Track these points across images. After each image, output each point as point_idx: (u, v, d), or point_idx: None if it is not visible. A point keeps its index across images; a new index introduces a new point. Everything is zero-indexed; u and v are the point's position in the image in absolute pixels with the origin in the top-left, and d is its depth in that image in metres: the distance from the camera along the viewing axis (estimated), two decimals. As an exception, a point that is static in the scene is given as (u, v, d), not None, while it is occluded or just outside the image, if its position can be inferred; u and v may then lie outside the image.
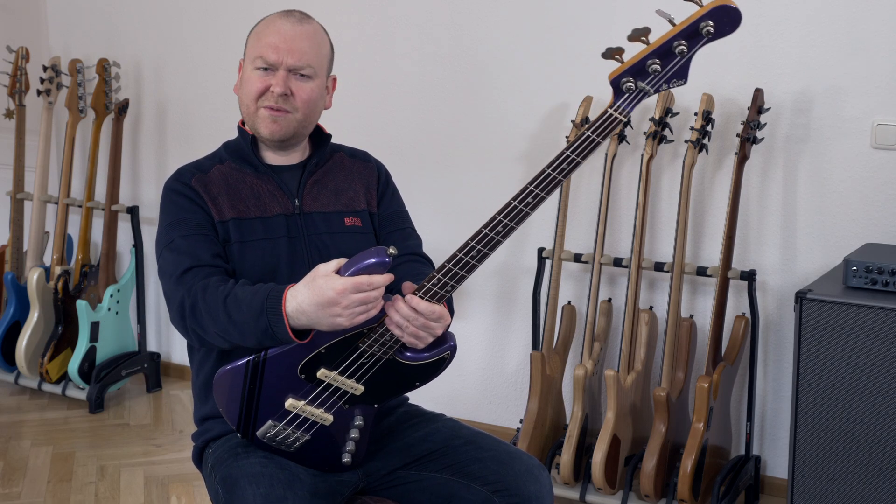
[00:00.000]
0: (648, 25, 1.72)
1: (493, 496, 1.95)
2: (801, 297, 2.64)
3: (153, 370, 4.18)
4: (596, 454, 3.00)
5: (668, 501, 3.02)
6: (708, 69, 3.14)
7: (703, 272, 3.10)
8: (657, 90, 1.73)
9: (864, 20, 2.94)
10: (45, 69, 4.14)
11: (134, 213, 4.05)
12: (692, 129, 3.03)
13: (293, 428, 1.91)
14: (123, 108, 4.05)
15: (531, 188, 1.77)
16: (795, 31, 3.02)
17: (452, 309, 2.03)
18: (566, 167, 1.76)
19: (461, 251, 1.76)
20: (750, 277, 3.04)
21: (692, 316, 3.14)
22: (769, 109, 3.02)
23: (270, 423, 1.91)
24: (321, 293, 1.72)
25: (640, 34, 1.69)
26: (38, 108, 4.22)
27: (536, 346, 3.34)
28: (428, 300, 1.79)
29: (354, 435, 1.92)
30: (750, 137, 2.98)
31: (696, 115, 3.03)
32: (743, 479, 3.11)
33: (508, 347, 3.62)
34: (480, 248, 1.76)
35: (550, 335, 3.25)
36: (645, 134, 3.11)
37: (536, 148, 3.45)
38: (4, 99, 4.30)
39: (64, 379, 4.03)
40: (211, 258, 1.94)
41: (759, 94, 2.97)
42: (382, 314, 1.81)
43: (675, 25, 1.69)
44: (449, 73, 3.57)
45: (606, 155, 3.17)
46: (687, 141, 3.05)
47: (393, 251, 1.74)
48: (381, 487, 2.03)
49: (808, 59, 3.02)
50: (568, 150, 1.74)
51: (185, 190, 2.00)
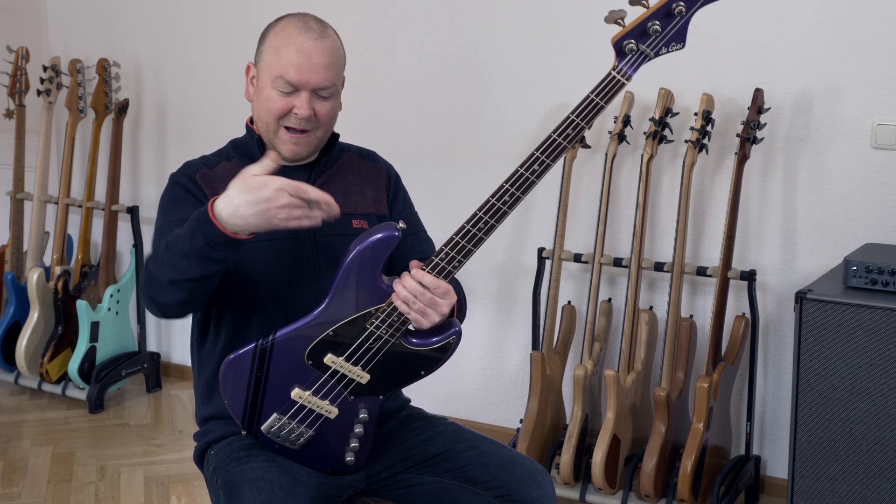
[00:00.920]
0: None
1: (495, 501, 1.95)
2: (801, 297, 2.64)
3: (153, 370, 4.18)
4: (596, 454, 3.00)
5: (668, 501, 3.02)
6: (708, 69, 3.14)
7: (703, 272, 3.10)
8: (657, 53, 1.79)
9: (864, 20, 2.94)
10: (45, 69, 4.14)
11: (134, 213, 4.05)
12: (692, 129, 3.03)
13: (297, 422, 1.91)
14: (123, 108, 4.05)
15: (537, 154, 1.79)
16: (795, 31, 3.02)
17: (465, 308, 2.03)
18: (571, 132, 1.78)
19: (469, 223, 1.80)
20: (750, 277, 3.04)
21: (692, 316, 3.14)
22: (769, 109, 3.02)
23: (276, 416, 1.91)
24: (256, 191, 1.72)
25: None
26: (38, 108, 4.22)
27: (536, 346, 3.34)
28: (435, 275, 1.81)
29: (358, 430, 1.92)
30: (750, 137, 2.98)
31: (696, 115, 3.03)
32: (743, 479, 3.12)
33: (508, 347, 3.62)
34: (488, 218, 1.79)
35: (550, 335, 3.25)
36: (645, 134, 3.11)
37: (536, 148, 3.45)
38: (4, 99, 4.30)
39: (64, 379, 4.03)
40: None
41: (759, 94, 2.97)
42: (390, 293, 1.83)
43: None
44: (449, 73, 3.57)
45: (606, 155, 3.17)
46: (687, 141, 3.05)
47: (402, 225, 1.81)
48: (381, 490, 2.03)
49: (808, 59, 3.02)
50: (572, 114, 1.78)
51: (187, 183, 2.00)
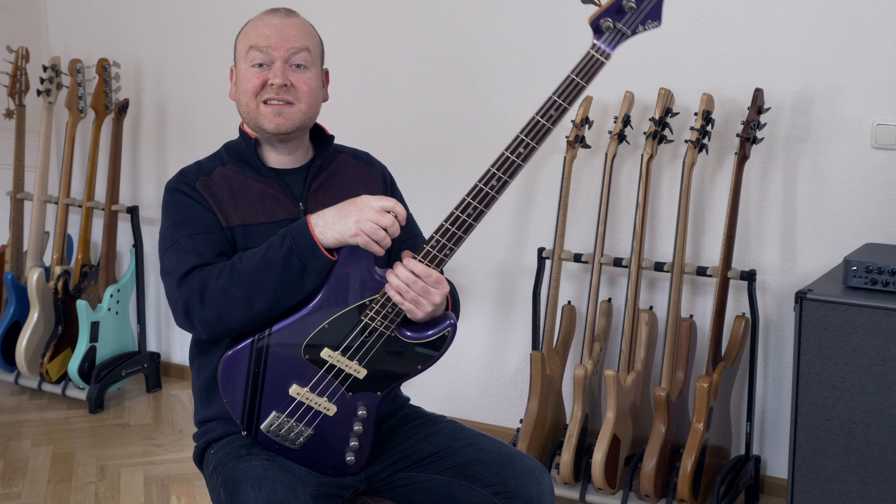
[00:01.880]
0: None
1: (494, 498, 1.95)
2: (801, 297, 2.64)
3: (153, 370, 4.18)
4: (596, 454, 3.00)
5: (668, 501, 3.02)
6: (708, 69, 3.14)
7: (703, 272, 3.10)
8: (634, 31, 1.82)
9: (864, 20, 2.94)
10: (45, 69, 4.14)
11: (134, 213, 4.05)
12: (692, 129, 3.03)
13: (296, 420, 1.91)
14: (123, 108, 4.05)
15: (522, 137, 1.84)
16: (795, 31, 3.02)
17: (458, 308, 2.04)
18: (554, 113, 1.82)
19: (458, 209, 1.84)
20: (750, 277, 3.04)
21: (692, 316, 3.14)
22: (769, 109, 3.02)
23: (274, 414, 1.91)
24: (348, 203, 1.86)
25: None
26: (38, 108, 4.22)
27: (536, 346, 3.34)
28: (427, 264, 1.83)
29: (357, 428, 1.92)
30: (750, 137, 2.98)
31: (696, 115, 3.03)
32: (743, 479, 3.12)
33: (508, 347, 3.62)
34: (476, 204, 1.84)
35: (550, 335, 3.25)
36: (645, 134, 3.11)
37: (536, 148, 3.45)
38: (4, 99, 4.30)
39: (64, 379, 4.03)
40: (215, 257, 1.93)
41: (759, 94, 2.97)
42: (384, 284, 1.85)
43: None
44: (449, 72, 3.57)
45: (606, 155, 3.17)
46: (687, 141, 3.05)
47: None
48: (382, 489, 2.03)
49: (808, 59, 3.02)
50: (554, 94, 1.82)
51: (189, 191, 1.99)
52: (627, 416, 3.10)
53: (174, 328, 4.34)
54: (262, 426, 1.92)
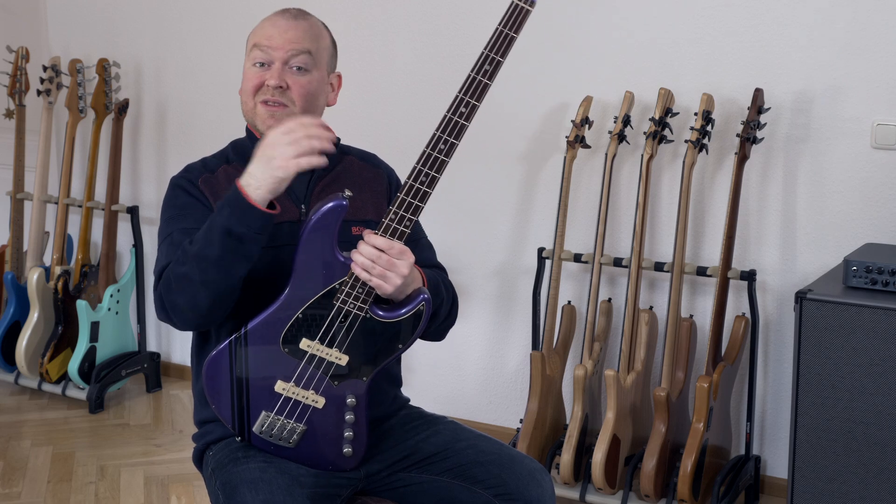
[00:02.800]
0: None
1: (494, 500, 1.95)
2: (801, 297, 2.64)
3: (153, 370, 4.18)
4: (596, 454, 3.00)
5: (668, 501, 3.02)
6: (708, 69, 3.14)
7: (703, 272, 3.10)
8: None
9: (864, 20, 2.94)
10: (45, 69, 4.14)
11: (134, 213, 4.05)
12: (692, 129, 3.03)
13: (286, 416, 1.91)
14: (123, 108, 4.05)
15: (461, 97, 1.90)
16: (796, 31, 3.02)
17: (456, 307, 2.03)
18: (489, 68, 1.89)
19: (410, 177, 1.85)
20: (750, 277, 3.04)
21: (692, 316, 3.14)
22: (769, 109, 3.02)
23: (264, 414, 1.91)
24: (260, 149, 1.81)
25: None
26: (38, 108, 4.22)
27: (536, 346, 3.34)
28: (388, 237, 1.83)
29: (349, 417, 1.92)
30: (750, 137, 2.98)
31: (696, 115, 3.03)
32: (743, 479, 3.12)
33: (508, 347, 3.62)
34: (427, 170, 1.87)
35: (550, 335, 3.25)
36: (645, 134, 3.11)
37: (536, 148, 3.45)
38: (4, 99, 4.30)
39: (64, 379, 4.03)
40: None
41: (759, 94, 2.97)
42: (349, 264, 1.84)
43: None
44: (448, 73, 3.57)
45: (606, 155, 3.17)
46: (687, 141, 3.05)
47: (349, 193, 1.83)
48: (381, 489, 2.03)
49: (808, 59, 3.02)
50: (486, 49, 1.88)
51: (191, 188, 2.00)
52: (627, 416, 3.10)
53: (174, 328, 4.33)
54: (254, 428, 1.92)
